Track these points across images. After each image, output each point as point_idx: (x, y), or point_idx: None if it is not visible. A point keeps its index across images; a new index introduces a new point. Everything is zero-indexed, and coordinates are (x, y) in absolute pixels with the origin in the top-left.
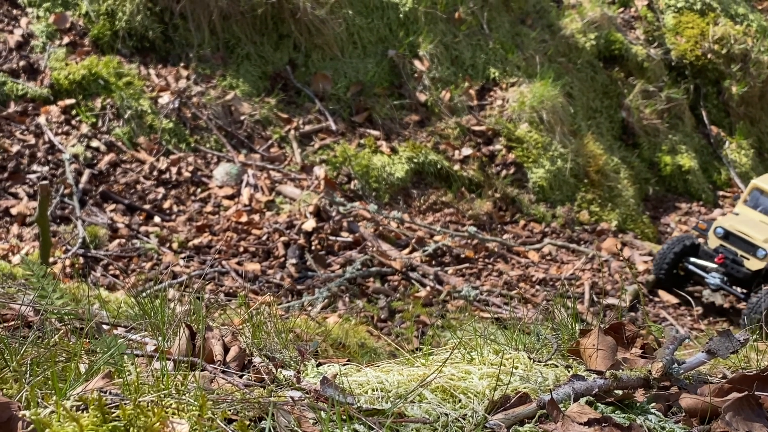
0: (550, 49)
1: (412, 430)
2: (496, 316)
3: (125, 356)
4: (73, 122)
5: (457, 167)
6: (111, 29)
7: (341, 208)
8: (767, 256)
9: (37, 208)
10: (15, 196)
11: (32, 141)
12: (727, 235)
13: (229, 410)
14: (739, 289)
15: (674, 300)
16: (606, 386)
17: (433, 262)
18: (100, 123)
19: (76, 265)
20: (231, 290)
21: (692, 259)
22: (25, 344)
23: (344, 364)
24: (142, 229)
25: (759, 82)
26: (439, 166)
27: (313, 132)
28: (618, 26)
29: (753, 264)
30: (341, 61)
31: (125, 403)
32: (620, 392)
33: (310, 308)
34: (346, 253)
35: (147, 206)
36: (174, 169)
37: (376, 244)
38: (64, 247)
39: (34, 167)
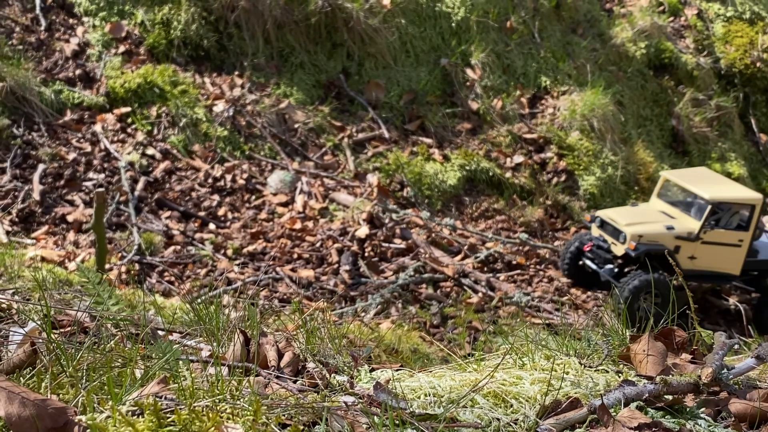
0: (601, 57)
1: None
2: (547, 321)
3: (180, 362)
4: (129, 130)
5: (508, 174)
6: (166, 38)
7: (394, 215)
8: (626, 240)
9: (93, 215)
10: (71, 203)
11: (88, 149)
12: (603, 223)
13: (283, 415)
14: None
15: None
16: (656, 391)
17: (485, 269)
18: (155, 131)
19: (132, 272)
20: (285, 296)
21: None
22: (82, 350)
23: (397, 370)
24: (197, 235)
25: None
26: (491, 174)
27: (367, 140)
28: (668, 35)
29: (618, 249)
30: (394, 70)
31: (180, 408)
32: (670, 397)
33: (363, 314)
34: (399, 259)
35: (202, 213)
36: (228, 177)
37: (429, 251)
38: (119, 254)
39: (90, 174)
